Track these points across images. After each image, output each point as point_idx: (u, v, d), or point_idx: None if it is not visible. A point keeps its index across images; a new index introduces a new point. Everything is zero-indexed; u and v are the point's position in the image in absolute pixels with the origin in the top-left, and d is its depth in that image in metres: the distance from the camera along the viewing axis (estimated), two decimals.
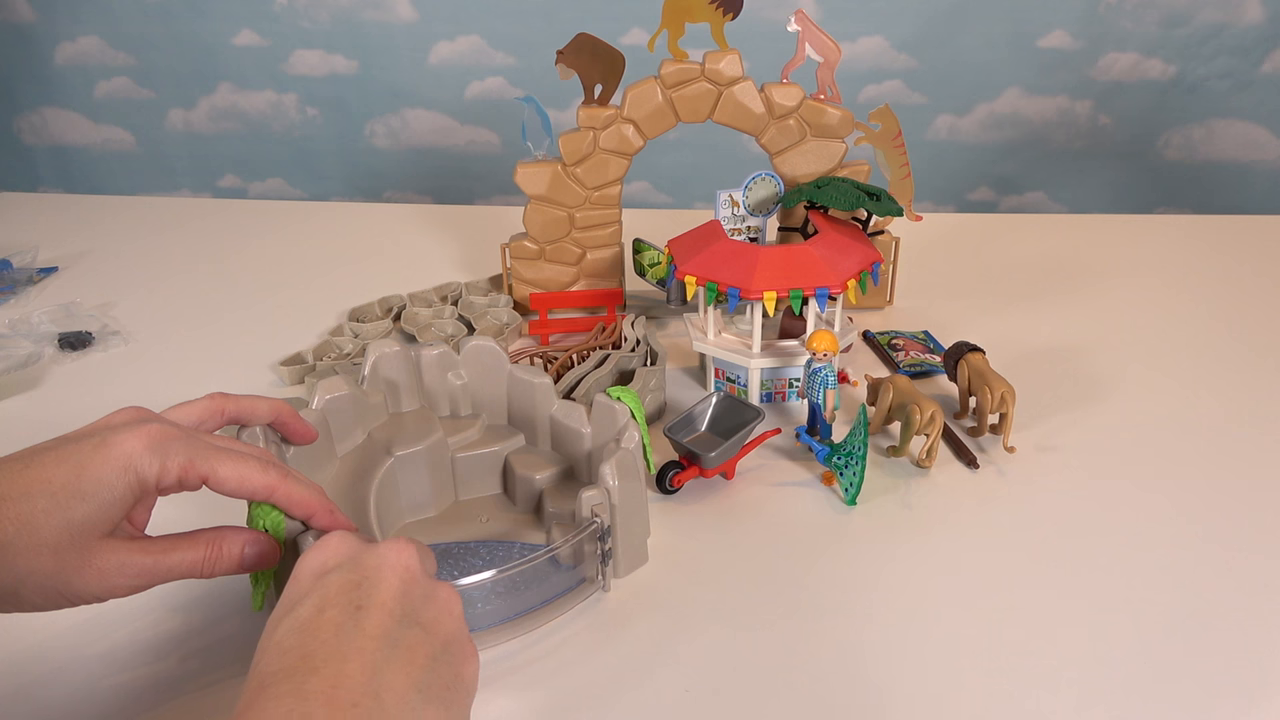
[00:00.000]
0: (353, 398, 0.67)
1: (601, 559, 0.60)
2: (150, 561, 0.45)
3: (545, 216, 0.97)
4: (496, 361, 0.71)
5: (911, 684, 0.55)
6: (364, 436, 0.69)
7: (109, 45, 2.00)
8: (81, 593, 0.43)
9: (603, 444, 0.65)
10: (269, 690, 0.35)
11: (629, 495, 0.60)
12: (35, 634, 0.58)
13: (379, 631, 0.38)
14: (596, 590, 0.61)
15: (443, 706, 0.39)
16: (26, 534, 0.41)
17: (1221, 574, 0.63)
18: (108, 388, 0.90)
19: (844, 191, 0.88)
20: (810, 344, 0.74)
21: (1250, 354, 0.93)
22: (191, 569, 0.46)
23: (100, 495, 0.42)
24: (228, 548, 0.47)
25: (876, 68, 1.87)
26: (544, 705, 0.54)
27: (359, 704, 0.35)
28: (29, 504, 0.41)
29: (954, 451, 0.77)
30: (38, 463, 0.42)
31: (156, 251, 1.27)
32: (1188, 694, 0.54)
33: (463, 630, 0.43)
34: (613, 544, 0.60)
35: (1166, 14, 1.79)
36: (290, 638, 0.38)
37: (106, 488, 0.42)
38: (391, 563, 0.42)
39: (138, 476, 0.43)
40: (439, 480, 0.69)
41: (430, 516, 0.68)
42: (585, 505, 0.58)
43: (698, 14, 0.89)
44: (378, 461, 0.66)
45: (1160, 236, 1.27)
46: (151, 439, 0.44)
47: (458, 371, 0.72)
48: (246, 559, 0.48)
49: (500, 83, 1.95)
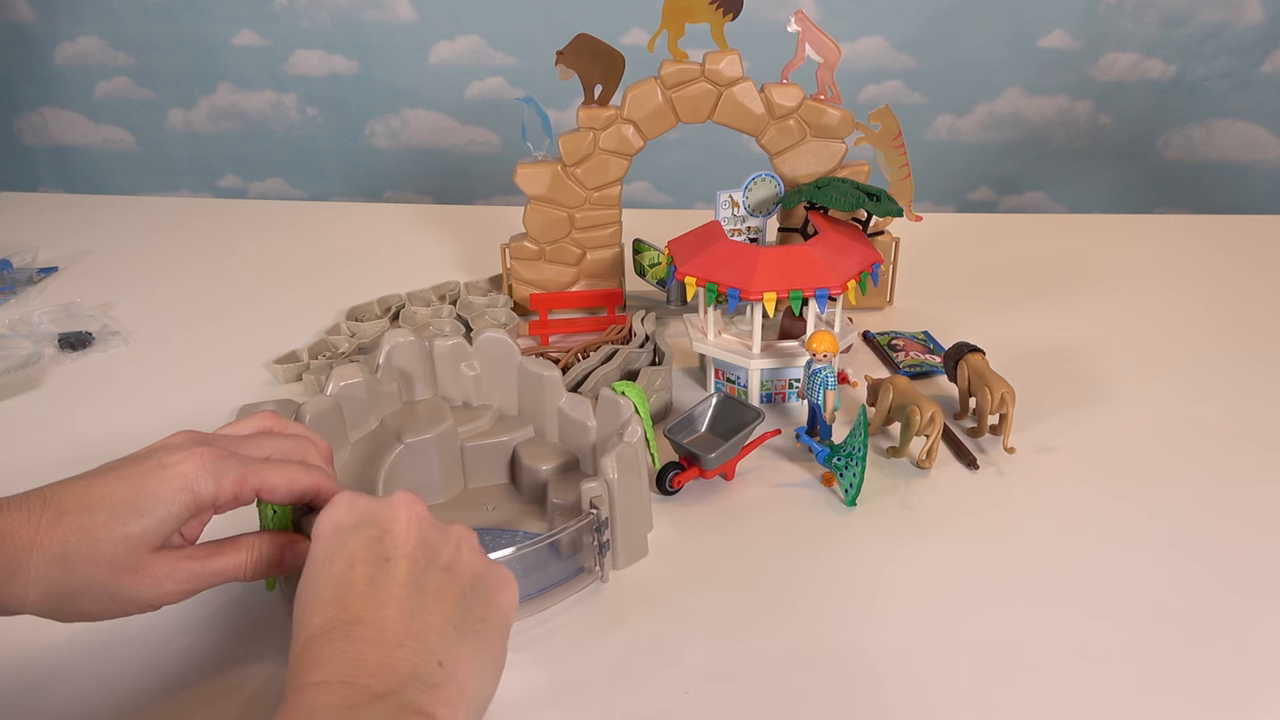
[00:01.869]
0: (367, 385, 0.69)
1: (599, 550, 0.60)
2: (198, 567, 0.47)
3: (545, 217, 0.97)
4: (508, 353, 0.72)
5: (911, 684, 0.55)
6: (376, 423, 0.71)
7: (109, 45, 2.00)
8: (136, 599, 0.46)
9: (607, 437, 0.66)
10: (320, 639, 0.40)
11: (628, 489, 0.61)
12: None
13: (408, 579, 0.43)
14: (594, 581, 0.62)
15: (476, 639, 0.43)
16: (86, 545, 0.43)
17: (1222, 574, 0.63)
18: (108, 388, 0.90)
19: (844, 192, 0.88)
20: (810, 345, 0.74)
21: (1250, 354, 0.93)
22: (236, 572, 0.49)
23: (157, 512, 0.45)
24: (268, 550, 0.50)
25: (876, 68, 1.87)
26: (538, 690, 0.54)
27: (404, 645, 0.40)
28: (90, 518, 0.44)
29: (954, 452, 0.77)
30: (100, 480, 0.45)
31: (156, 251, 1.27)
32: (1187, 694, 0.54)
33: (485, 563, 0.47)
34: (611, 536, 0.61)
35: (1166, 14, 1.79)
36: (328, 592, 0.42)
37: (164, 505, 0.45)
38: (405, 515, 0.46)
39: (194, 495, 0.46)
40: (448, 468, 0.70)
41: (439, 503, 0.70)
42: (585, 496, 0.59)
43: (698, 14, 0.89)
44: (388, 447, 0.68)
45: (1160, 236, 1.27)
46: (206, 460, 0.47)
47: (470, 363, 0.73)
48: (286, 560, 0.51)
49: (500, 83, 1.95)
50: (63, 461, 0.77)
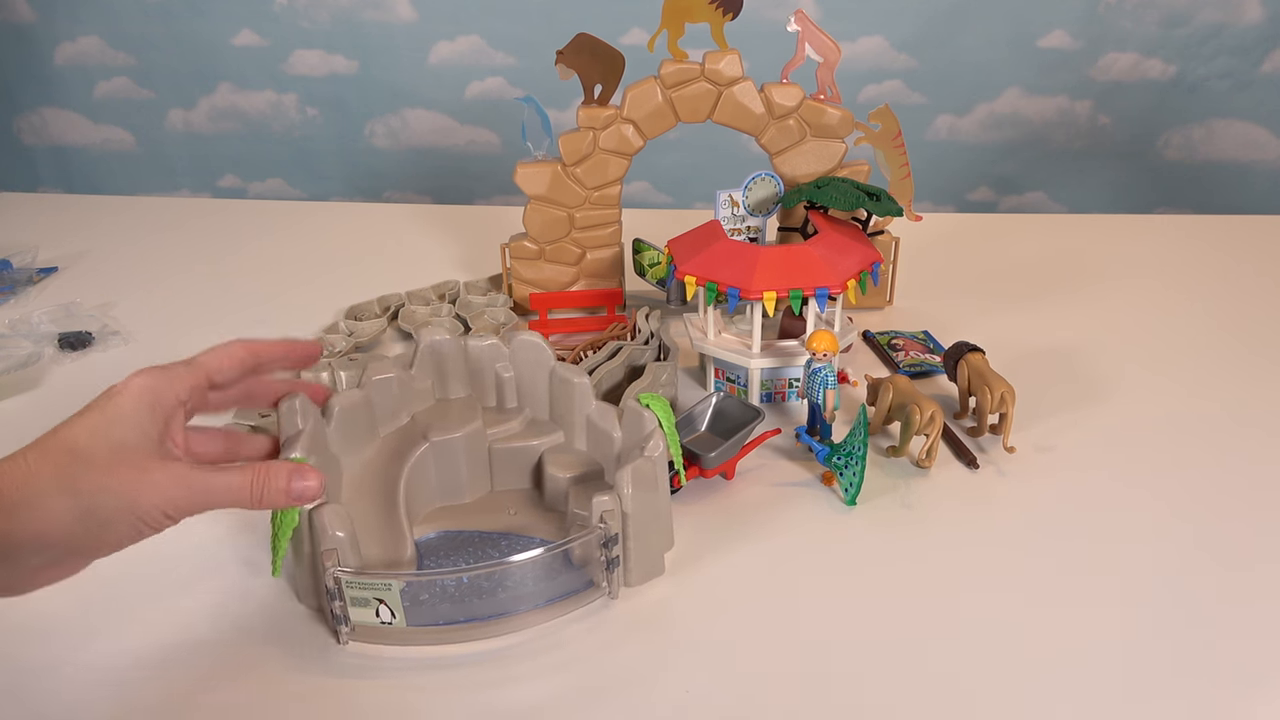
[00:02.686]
0: (399, 381, 0.69)
1: (607, 566, 0.59)
2: (200, 478, 0.49)
3: (545, 216, 0.97)
4: (542, 357, 0.72)
5: (911, 684, 0.55)
6: (408, 419, 0.71)
7: (109, 45, 2.00)
8: (151, 510, 0.47)
9: (630, 449, 0.64)
10: None
11: (644, 505, 0.60)
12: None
13: None
14: (602, 596, 0.61)
15: None
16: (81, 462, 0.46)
17: (1221, 573, 0.63)
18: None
19: (844, 191, 0.87)
20: (810, 344, 0.74)
21: (1250, 354, 0.93)
22: (240, 493, 0.51)
23: (129, 419, 0.49)
24: (274, 478, 0.52)
25: (876, 68, 1.87)
26: (538, 701, 0.54)
27: None
28: (73, 443, 0.47)
29: (954, 451, 0.77)
30: (69, 422, 0.49)
31: (156, 251, 1.27)
32: (1187, 693, 0.54)
33: None
34: (624, 552, 0.60)
35: (1166, 14, 1.79)
36: None
37: (131, 412, 0.49)
38: None
39: (154, 395, 0.50)
40: (475, 469, 0.70)
41: (465, 503, 0.70)
42: (595, 510, 0.58)
43: (698, 14, 0.89)
44: (414, 444, 0.68)
45: (1160, 236, 1.27)
46: (151, 371, 0.51)
47: (505, 364, 0.73)
48: (293, 490, 0.52)
49: (500, 83, 1.95)
50: None
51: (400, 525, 0.63)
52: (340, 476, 0.66)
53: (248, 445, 0.59)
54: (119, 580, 0.58)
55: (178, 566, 0.64)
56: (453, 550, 0.65)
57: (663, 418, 0.63)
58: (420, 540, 0.65)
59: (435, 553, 0.65)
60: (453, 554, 0.64)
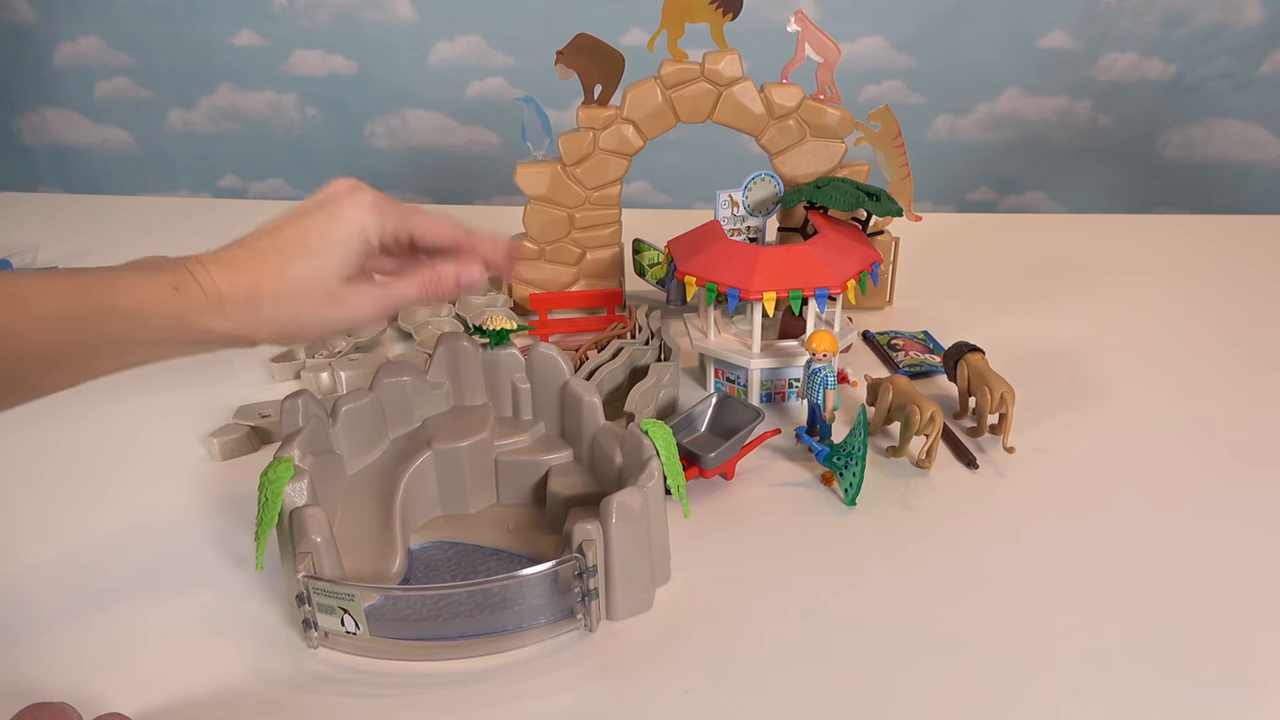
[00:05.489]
0: (413, 385, 0.69)
1: (582, 598, 0.56)
2: (381, 292, 0.55)
3: (545, 217, 0.97)
4: (556, 371, 0.70)
5: (911, 684, 0.55)
6: (420, 423, 0.70)
7: (109, 45, 2.00)
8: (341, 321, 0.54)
9: (629, 475, 0.61)
10: None
11: (627, 538, 0.56)
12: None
13: None
14: (577, 629, 0.58)
15: None
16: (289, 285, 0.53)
17: (1222, 573, 0.63)
18: (106, 386, 0.90)
19: (844, 191, 0.88)
20: (810, 344, 0.74)
21: (1250, 354, 0.93)
22: (417, 294, 0.56)
23: (339, 250, 0.53)
24: (444, 275, 0.57)
25: (876, 68, 1.87)
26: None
27: None
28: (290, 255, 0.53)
29: (954, 452, 0.77)
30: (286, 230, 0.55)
31: (156, 251, 1.26)
32: (1187, 693, 0.54)
33: None
34: (607, 584, 0.57)
35: (1166, 14, 1.79)
36: None
37: (342, 244, 0.54)
38: None
39: (364, 235, 0.54)
40: (479, 480, 0.68)
41: (468, 514, 0.69)
42: (576, 538, 0.55)
43: (698, 14, 0.89)
44: (418, 451, 0.67)
45: (1159, 236, 1.27)
46: (369, 205, 0.55)
47: (522, 375, 0.71)
48: (463, 280, 0.58)
49: (500, 83, 1.95)
50: (63, 460, 0.78)
51: (392, 533, 0.62)
52: (344, 478, 0.66)
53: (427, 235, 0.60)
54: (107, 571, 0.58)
55: (168, 560, 0.64)
56: (440, 564, 0.63)
57: (661, 446, 0.60)
58: (414, 549, 0.64)
59: (421, 565, 0.63)
60: (439, 568, 0.63)
